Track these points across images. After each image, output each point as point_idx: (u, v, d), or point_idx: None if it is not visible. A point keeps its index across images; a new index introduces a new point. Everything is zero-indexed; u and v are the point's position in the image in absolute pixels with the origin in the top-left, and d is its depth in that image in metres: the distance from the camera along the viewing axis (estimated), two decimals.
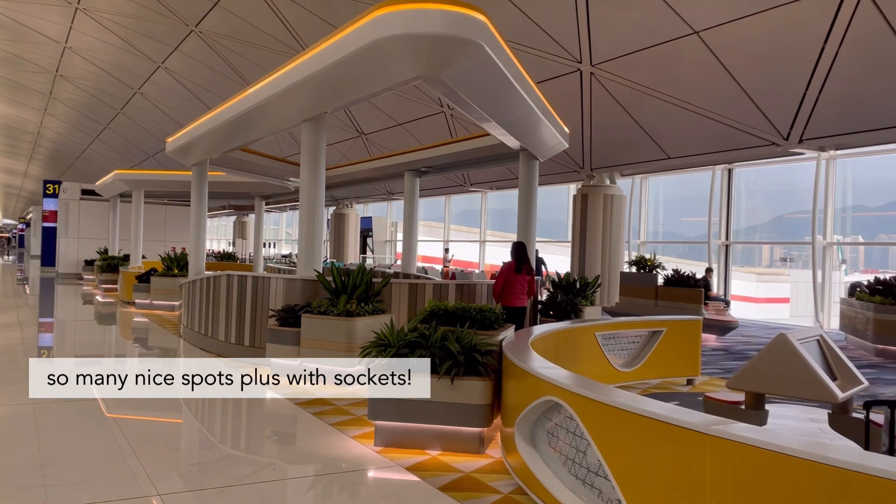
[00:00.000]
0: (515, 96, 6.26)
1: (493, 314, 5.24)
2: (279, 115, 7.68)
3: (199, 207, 11.06)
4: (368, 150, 21.31)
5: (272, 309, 7.06)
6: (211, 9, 16.56)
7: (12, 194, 74.27)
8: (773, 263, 23.88)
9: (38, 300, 17.43)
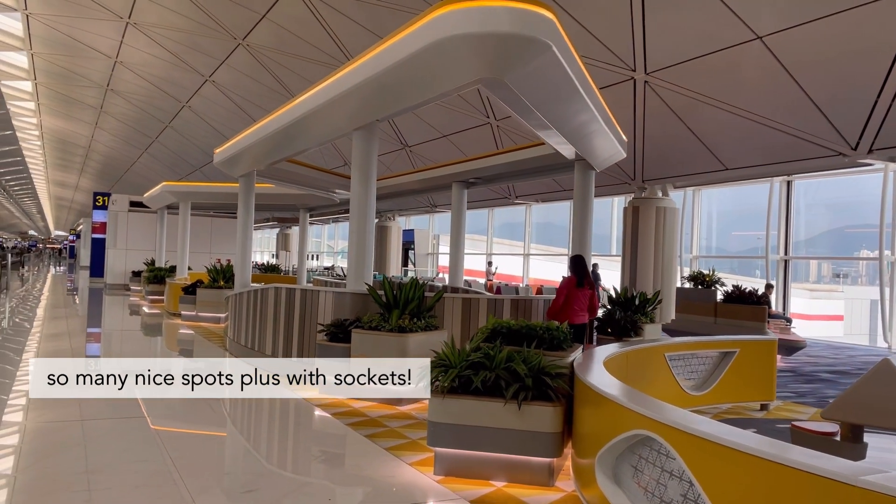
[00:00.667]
0: (579, 102, 5.93)
1: (561, 333, 4.88)
2: (330, 124, 7.48)
3: (246, 219, 10.94)
4: (412, 163, 21.15)
5: (321, 323, 6.81)
6: (258, 22, 16.63)
7: (64, 206, 76.47)
8: (823, 279, 22.93)
9: (87, 311, 17.61)
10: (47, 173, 52.70)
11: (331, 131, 7.81)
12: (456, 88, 5.68)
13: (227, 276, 12.87)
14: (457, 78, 5.38)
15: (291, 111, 7.84)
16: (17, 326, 13.25)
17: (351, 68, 6.38)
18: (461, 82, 5.44)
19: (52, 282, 31.05)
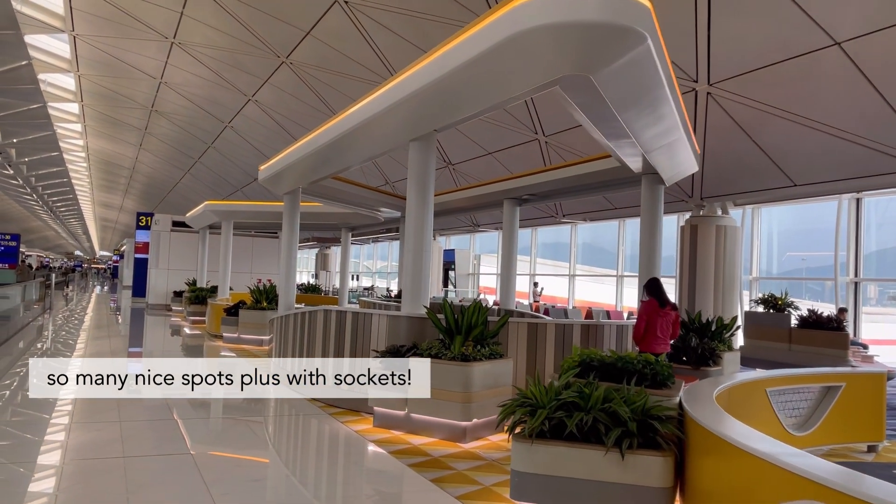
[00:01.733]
0: (665, 106, 5.34)
1: (664, 368, 4.25)
2: (384, 135, 7.01)
3: (291, 238, 10.53)
4: (455, 181, 20.69)
5: (375, 350, 6.28)
6: (302, 39, 16.41)
7: (108, 227, 78.00)
8: (870, 301, 21.62)
9: (128, 331, 17.42)
10: (93, 194, 53.72)
11: (384, 144, 7.34)
12: (529, 91, 5.14)
13: (270, 297, 12.47)
14: (533, 77, 4.84)
15: (341, 123, 7.39)
16: (57, 348, 13.03)
17: (410, 73, 5.89)
18: (538, 83, 4.89)
19: (95, 301, 31.27)
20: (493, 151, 18.16)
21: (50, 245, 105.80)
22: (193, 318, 17.09)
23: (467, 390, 5.39)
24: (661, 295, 6.17)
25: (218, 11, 16.27)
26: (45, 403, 7.06)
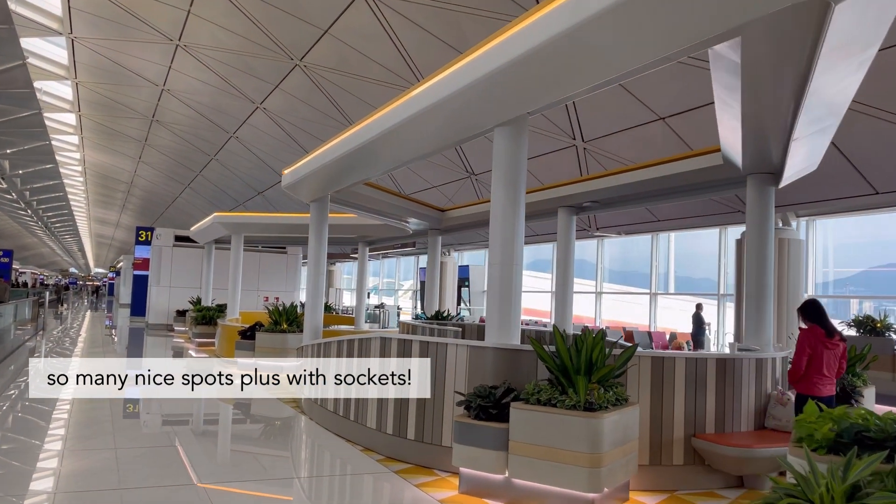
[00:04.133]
0: (861, 71, 4.08)
1: None
2: (460, 120, 5.70)
3: (318, 251, 9.24)
4: (477, 192, 19.46)
5: (460, 392, 4.94)
6: (319, 38, 15.19)
7: (104, 244, 76.54)
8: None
9: (126, 354, 15.98)
10: (89, 210, 52.37)
11: (456, 131, 6.02)
12: (685, 49, 3.82)
13: (291, 319, 11.11)
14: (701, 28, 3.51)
15: (398, 111, 6.11)
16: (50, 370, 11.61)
17: (502, 39, 4.62)
18: (708, 34, 3.55)
19: (90, 320, 29.81)
20: None
21: (45, 262, 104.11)
22: (200, 340, 15.69)
23: (596, 450, 4.05)
24: (825, 321, 4.87)
25: (229, 9, 15.05)
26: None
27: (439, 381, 5.31)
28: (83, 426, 7.54)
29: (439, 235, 13.91)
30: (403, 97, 6.13)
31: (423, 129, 6.14)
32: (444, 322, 11.27)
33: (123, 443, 6.48)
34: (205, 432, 8.26)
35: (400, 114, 6.06)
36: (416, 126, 6.07)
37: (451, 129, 5.96)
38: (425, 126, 6.04)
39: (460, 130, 5.92)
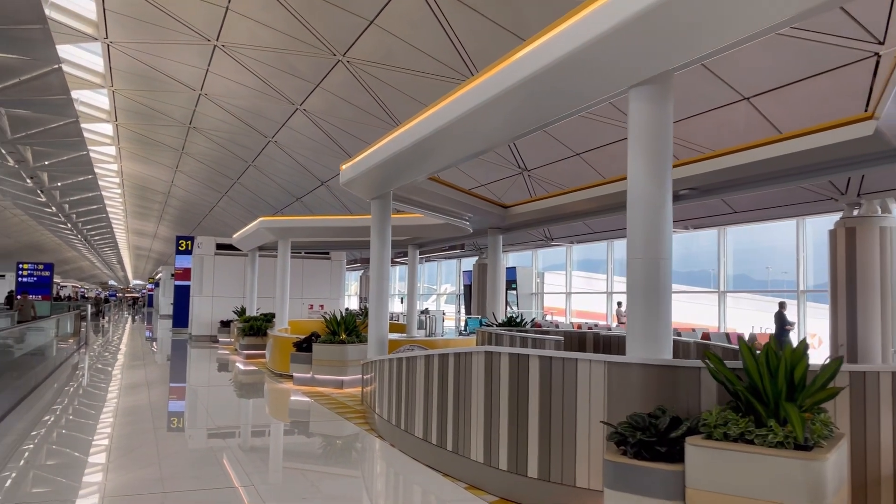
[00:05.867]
0: None
1: None
2: (579, 85, 4.71)
3: (381, 252, 8.33)
4: (531, 189, 18.43)
5: (609, 423, 3.92)
6: (364, 30, 14.31)
7: (142, 256, 77.09)
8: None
9: (171, 373, 15.23)
10: (127, 222, 52.53)
11: (567, 101, 5.01)
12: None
13: (349, 328, 10.21)
14: None
15: (495, 81, 5.12)
16: (94, 391, 10.92)
17: None
18: None
19: (132, 333, 29.43)
20: (582, 152, 15.87)
21: (85, 275, 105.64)
22: (248, 353, 14.90)
23: (818, 502, 3.01)
24: None
25: (268, 2, 14.29)
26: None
27: (568, 405, 4.31)
28: (126, 439, 7.48)
29: (500, 234, 12.92)
30: (500, 65, 5.16)
31: (523, 102, 5.16)
32: (523, 328, 10.25)
33: (167, 457, 6.40)
34: (254, 447, 7.53)
35: (497, 84, 5.09)
36: (515, 99, 5.09)
37: (563, 98, 4.96)
38: (527, 98, 5.06)
39: (574, 98, 4.92)
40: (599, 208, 10.23)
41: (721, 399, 3.82)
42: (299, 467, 6.51)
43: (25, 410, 8.80)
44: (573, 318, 25.20)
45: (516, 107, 5.37)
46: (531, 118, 5.67)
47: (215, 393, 11.68)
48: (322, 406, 9.12)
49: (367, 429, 7.44)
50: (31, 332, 11.79)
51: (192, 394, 11.51)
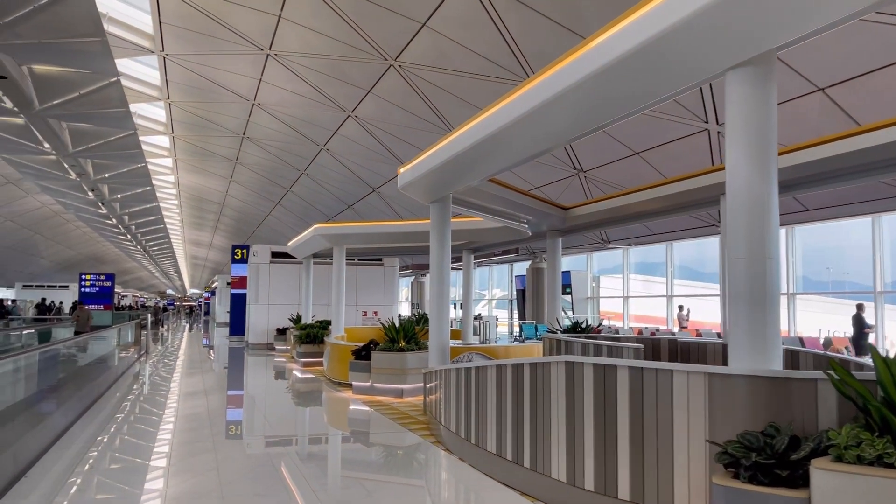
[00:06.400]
0: None
1: None
2: (668, 69, 4.34)
3: (442, 257, 8.05)
4: (586, 191, 17.95)
5: (716, 443, 3.53)
6: (417, 32, 14.12)
7: (198, 265, 78.86)
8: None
9: (226, 379, 15.29)
10: (183, 232, 53.73)
11: (654, 86, 4.64)
12: None
13: (408, 335, 9.96)
14: None
15: (570, 71, 4.78)
16: (155, 399, 10.93)
17: None
18: None
19: (190, 342, 29.93)
20: (641, 151, 15.33)
21: (144, 285, 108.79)
22: (305, 361, 14.82)
23: None
24: None
25: (320, 8, 14.22)
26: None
27: (663, 421, 3.93)
28: (185, 446, 7.59)
29: (559, 237, 12.51)
30: (573, 55, 4.81)
31: (597, 94, 4.80)
32: (591, 335, 9.82)
33: (226, 464, 6.47)
34: (312, 455, 7.47)
35: (570, 75, 4.75)
36: (588, 92, 4.74)
37: (649, 83, 4.59)
38: (601, 90, 4.71)
39: (661, 84, 4.55)
40: (666, 208, 9.75)
41: (843, 415, 3.40)
42: (360, 476, 6.37)
43: (92, 417, 8.90)
44: (631, 323, 24.52)
45: (588, 101, 5.02)
46: (602, 113, 5.32)
47: (273, 401, 11.61)
48: (382, 415, 8.89)
49: (434, 441, 7.16)
50: (93, 342, 11.91)
51: (249, 401, 11.51)
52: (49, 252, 57.06)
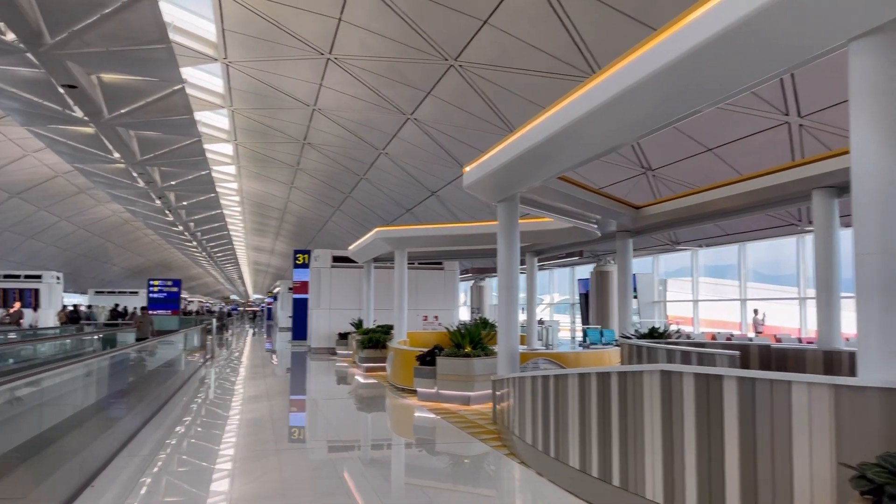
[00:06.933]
0: None
1: None
2: (779, 42, 3.89)
3: (510, 259, 7.69)
4: (654, 190, 17.27)
5: (848, 465, 3.06)
6: (478, 31, 13.80)
7: (260, 271, 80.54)
8: None
9: (289, 384, 15.26)
10: (246, 238, 54.84)
11: (763, 63, 4.18)
12: None
13: (474, 340, 9.62)
14: None
15: (670, 45, 4.36)
16: (222, 400, 10.91)
17: None
18: None
19: (251, 347, 30.35)
20: (714, 147, 14.62)
21: (209, 291, 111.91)
22: (368, 366, 14.67)
23: None
24: None
25: (379, 9, 14.08)
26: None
27: (780, 439, 3.47)
28: (249, 449, 7.65)
29: (629, 238, 11.97)
30: (660, 36, 4.40)
31: (690, 76, 4.37)
32: (671, 341, 9.29)
33: (289, 468, 6.49)
34: (374, 460, 7.34)
35: (659, 58, 4.33)
36: (681, 74, 4.32)
37: (758, 57, 4.12)
38: (695, 72, 4.27)
39: (771, 59, 4.07)
40: (749, 205, 9.13)
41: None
42: (425, 484, 6.22)
43: (160, 421, 8.94)
44: (701, 328, 23.60)
45: (674, 87, 4.61)
46: (687, 101, 4.90)
47: (336, 406, 11.50)
48: (449, 423, 8.57)
49: (507, 453, 6.78)
50: (161, 347, 12.01)
51: (312, 406, 11.46)
52: (119, 259, 59.20)
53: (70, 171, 28.31)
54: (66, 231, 42.34)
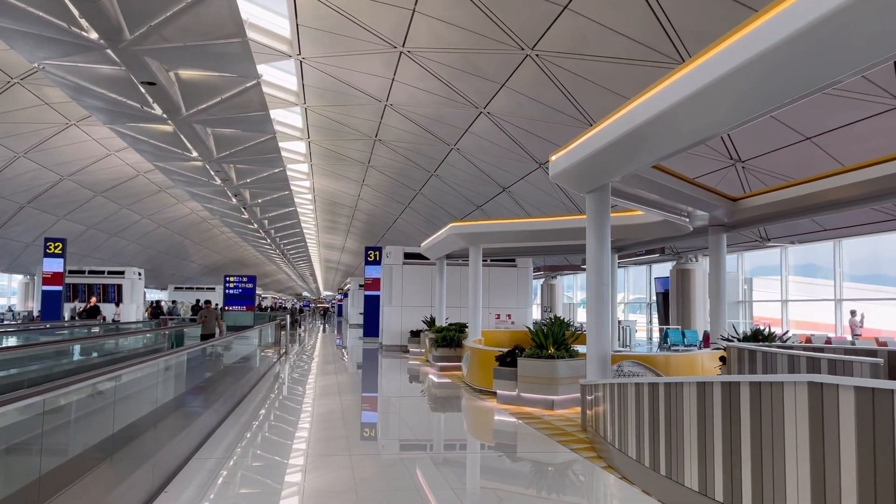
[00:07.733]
0: None
1: None
2: None
3: (600, 253, 7.13)
4: (744, 183, 16.26)
5: None
6: (557, 18, 13.20)
7: (331, 268, 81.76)
8: None
9: (361, 380, 15.04)
10: (318, 236, 55.59)
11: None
12: None
13: (557, 341, 9.07)
14: None
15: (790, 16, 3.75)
16: (287, 408, 10.73)
17: None
18: None
19: (323, 343, 30.55)
20: (813, 136, 13.56)
21: (282, 287, 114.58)
22: (442, 364, 14.29)
23: None
24: None
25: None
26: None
27: None
28: (321, 444, 7.66)
29: (723, 232, 11.16)
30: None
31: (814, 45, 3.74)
32: (784, 343, 8.50)
33: (360, 463, 6.52)
34: (447, 461, 7.05)
35: (769, 35, 3.72)
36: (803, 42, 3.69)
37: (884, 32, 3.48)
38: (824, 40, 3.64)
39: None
40: (867, 195, 8.21)
41: None
42: (504, 489, 5.90)
43: (237, 417, 8.88)
44: (792, 330, 22.20)
45: (800, 55, 3.99)
46: (814, 74, 4.27)
47: (409, 404, 11.25)
48: (533, 428, 8.07)
49: (604, 466, 6.22)
50: (237, 343, 11.96)
51: (384, 403, 11.30)
52: (197, 256, 61.09)
53: (151, 169, 29.14)
54: (147, 229, 43.85)
